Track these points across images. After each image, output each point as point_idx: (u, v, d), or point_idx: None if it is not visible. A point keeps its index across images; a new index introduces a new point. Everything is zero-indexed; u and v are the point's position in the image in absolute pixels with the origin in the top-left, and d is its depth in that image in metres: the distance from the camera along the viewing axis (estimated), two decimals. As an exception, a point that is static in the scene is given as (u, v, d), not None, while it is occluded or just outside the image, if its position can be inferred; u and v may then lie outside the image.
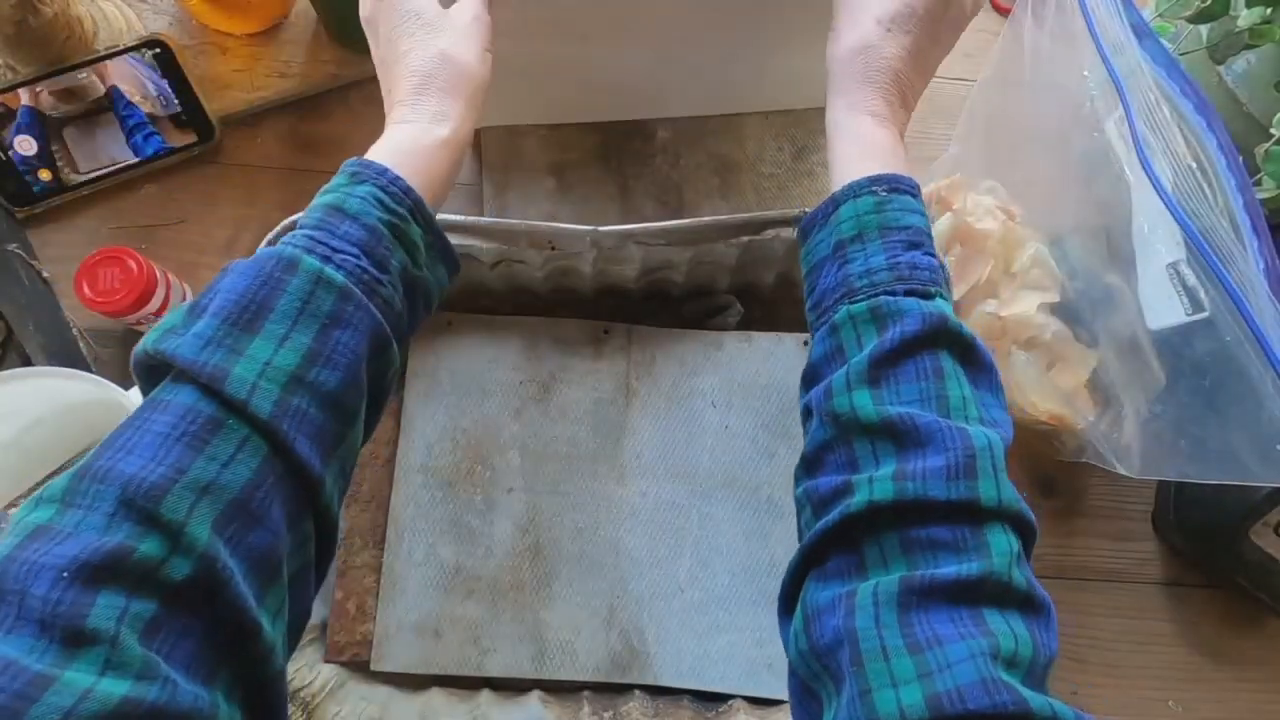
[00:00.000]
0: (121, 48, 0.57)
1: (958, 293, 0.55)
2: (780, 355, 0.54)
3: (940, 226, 0.57)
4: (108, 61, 0.57)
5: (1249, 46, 0.51)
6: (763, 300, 0.57)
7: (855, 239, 0.36)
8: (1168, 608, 0.59)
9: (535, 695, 0.49)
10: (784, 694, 0.50)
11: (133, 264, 0.51)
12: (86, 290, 0.51)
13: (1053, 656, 0.29)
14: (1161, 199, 0.40)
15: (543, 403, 0.53)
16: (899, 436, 0.31)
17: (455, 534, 0.51)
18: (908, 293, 0.34)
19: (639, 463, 0.53)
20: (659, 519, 0.52)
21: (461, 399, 0.53)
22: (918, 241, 0.35)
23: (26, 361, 0.51)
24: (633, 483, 0.53)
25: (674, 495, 0.53)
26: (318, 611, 0.49)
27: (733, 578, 0.52)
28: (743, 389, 0.54)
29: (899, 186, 0.36)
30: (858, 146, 0.38)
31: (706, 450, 0.53)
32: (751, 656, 0.50)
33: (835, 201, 0.37)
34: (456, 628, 0.50)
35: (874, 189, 0.36)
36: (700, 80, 0.59)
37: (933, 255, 0.36)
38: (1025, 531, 0.31)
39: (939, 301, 0.34)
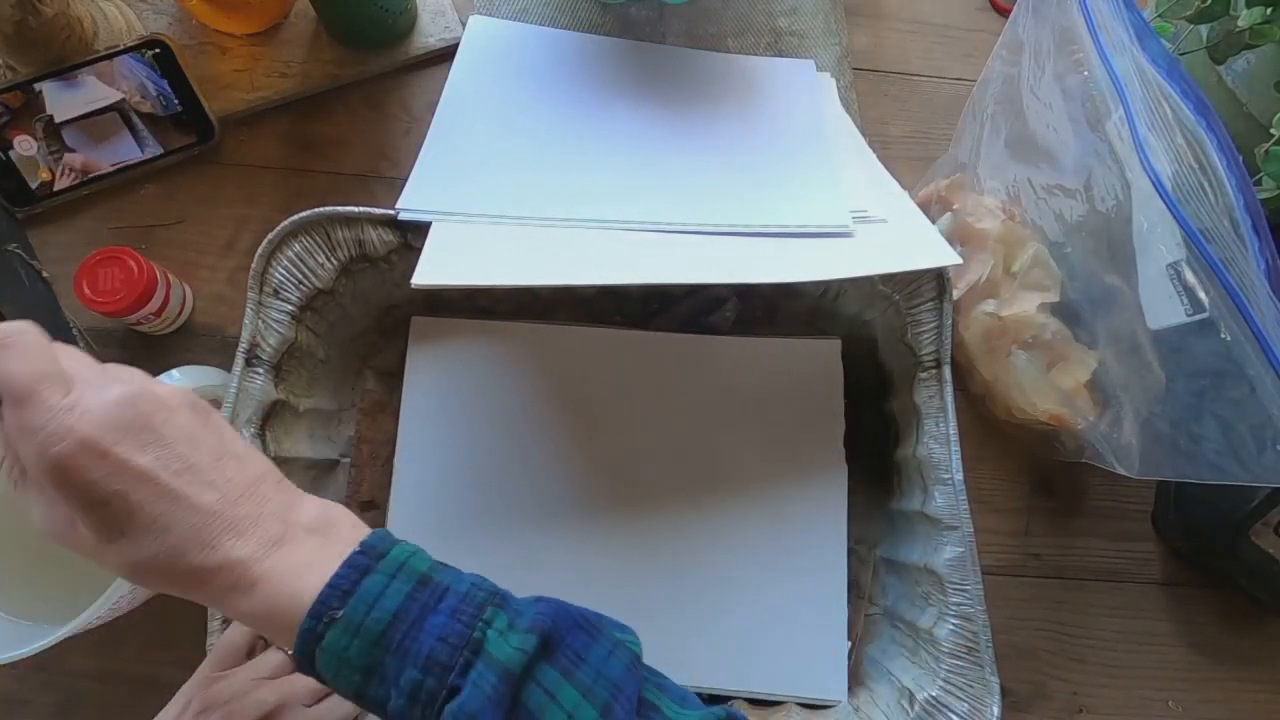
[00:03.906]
0: (121, 48, 0.57)
1: (958, 293, 0.55)
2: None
3: (940, 226, 0.57)
4: (108, 61, 0.57)
5: (1249, 46, 0.50)
6: (762, 299, 0.57)
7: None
8: (1168, 608, 0.59)
9: (535, 695, 0.49)
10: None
11: (133, 264, 0.51)
12: (86, 290, 0.51)
13: None
14: (1162, 199, 0.40)
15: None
16: None
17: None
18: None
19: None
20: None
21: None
22: None
23: (26, 361, 0.51)
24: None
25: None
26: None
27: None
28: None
29: None
30: None
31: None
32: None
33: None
34: (456, 628, 0.50)
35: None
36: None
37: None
38: None
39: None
